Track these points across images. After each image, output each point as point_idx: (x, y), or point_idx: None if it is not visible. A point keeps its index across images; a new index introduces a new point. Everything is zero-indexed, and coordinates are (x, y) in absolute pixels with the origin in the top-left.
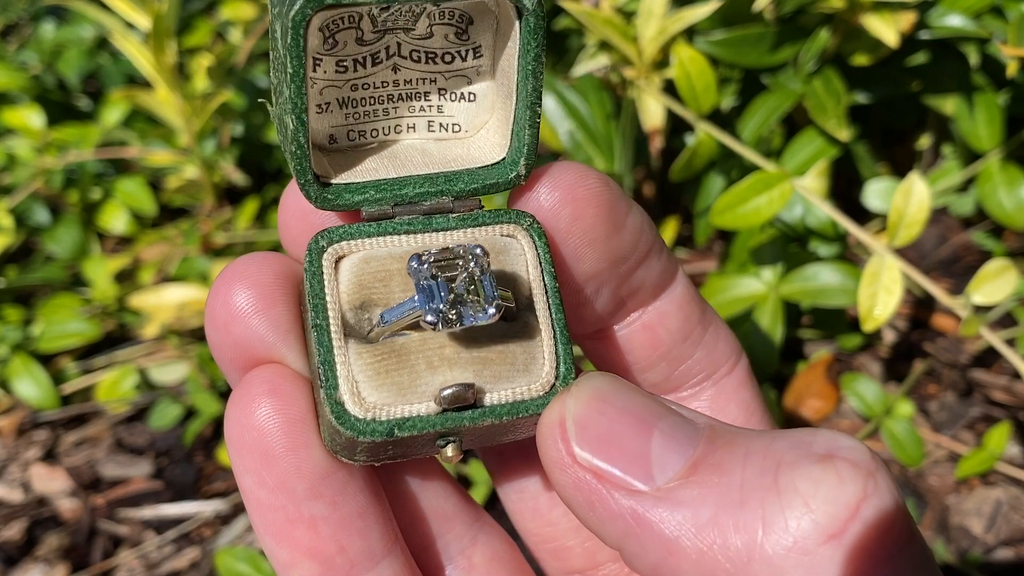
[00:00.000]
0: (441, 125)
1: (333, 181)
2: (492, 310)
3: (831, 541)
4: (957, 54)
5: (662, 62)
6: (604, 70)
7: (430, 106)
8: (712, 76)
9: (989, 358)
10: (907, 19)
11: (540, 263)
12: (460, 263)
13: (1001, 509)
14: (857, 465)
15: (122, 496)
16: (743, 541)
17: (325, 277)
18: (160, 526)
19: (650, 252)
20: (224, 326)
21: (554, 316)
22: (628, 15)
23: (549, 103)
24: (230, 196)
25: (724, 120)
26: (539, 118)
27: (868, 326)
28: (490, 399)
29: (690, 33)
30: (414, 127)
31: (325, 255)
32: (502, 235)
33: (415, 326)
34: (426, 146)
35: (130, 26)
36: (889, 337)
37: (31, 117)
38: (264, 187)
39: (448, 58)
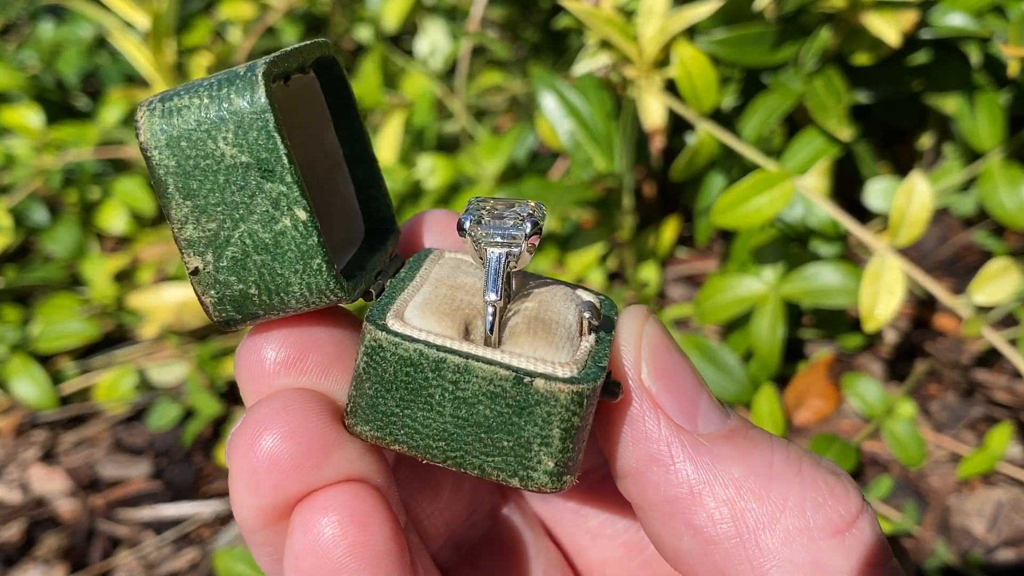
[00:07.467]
0: None
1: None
2: (529, 225)
3: (836, 536)
4: (958, 53)
5: (663, 61)
6: (604, 69)
7: None
8: (713, 75)
9: (990, 358)
10: (908, 18)
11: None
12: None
13: (1002, 509)
14: (856, 488)
15: (121, 496)
16: (762, 510)
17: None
18: (159, 527)
19: None
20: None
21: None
22: (628, 14)
23: (549, 102)
24: None
25: (725, 119)
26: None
27: (869, 326)
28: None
29: (691, 32)
30: None
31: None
32: None
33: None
34: None
35: (129, 25)
36: (890, 337)
37: (30, 116)
38: None
39: None
